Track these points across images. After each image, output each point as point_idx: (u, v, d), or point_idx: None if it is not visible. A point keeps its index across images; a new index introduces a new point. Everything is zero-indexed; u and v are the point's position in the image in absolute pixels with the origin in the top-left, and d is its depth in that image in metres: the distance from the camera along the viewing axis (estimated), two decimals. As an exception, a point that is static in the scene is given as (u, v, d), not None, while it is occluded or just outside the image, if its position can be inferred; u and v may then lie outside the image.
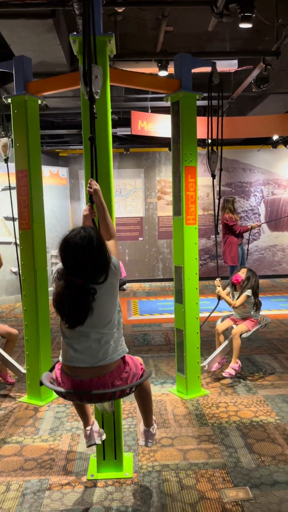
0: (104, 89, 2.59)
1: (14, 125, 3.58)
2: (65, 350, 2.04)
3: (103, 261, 1.92)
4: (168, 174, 9.92)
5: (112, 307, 2.03)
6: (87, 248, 1.88)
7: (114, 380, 2.02)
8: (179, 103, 3.53)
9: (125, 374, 2.06)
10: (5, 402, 3.75)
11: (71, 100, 6.40)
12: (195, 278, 3.72)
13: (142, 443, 2.42)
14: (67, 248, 1.89)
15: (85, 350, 1.99)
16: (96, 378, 1.99)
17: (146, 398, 2.33)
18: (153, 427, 2.43)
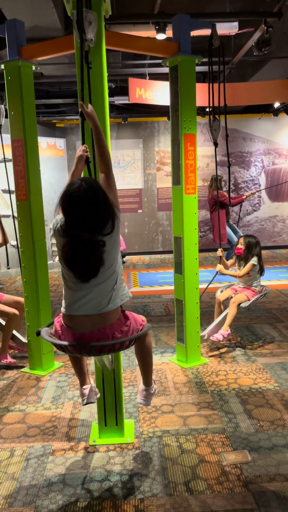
0: (99, 53, 2.50)
1: (8, 92, 3.48)
2: (68, 300, 2.01)
3: (109, 212, 1.88)
4: (167, 144, 9.76)
5: (116, 254, 2.00)
6: (92, 201, 1.82)
7: (114, 333, 2.01)
8: (178, 68, 3.43)
9: (125, 328, 2.06)
10: (7, 372, 3.80)
11: (67, 67, 6.22)
12: (194, 248, 3.70)
13: (141, 402, 2.43)
14: (71, 202, 1.82)
15: (91, 298, 1.97)
16: (97, 330, 1.98)
17: (147, 356, 2.33)
18: (153, 386, 2.45)
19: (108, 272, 1.98)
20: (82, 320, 1.99)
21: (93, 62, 2.45)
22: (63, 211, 1.86)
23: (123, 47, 3.23)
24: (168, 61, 3.50)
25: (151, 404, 3.10)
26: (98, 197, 1.83)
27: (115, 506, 2.14)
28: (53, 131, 9.18)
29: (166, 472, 2.37)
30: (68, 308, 2.02)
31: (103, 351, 2.01)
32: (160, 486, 2.27)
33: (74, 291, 1.99)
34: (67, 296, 2.03)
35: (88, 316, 1.99)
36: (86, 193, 1.81)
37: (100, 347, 1.97)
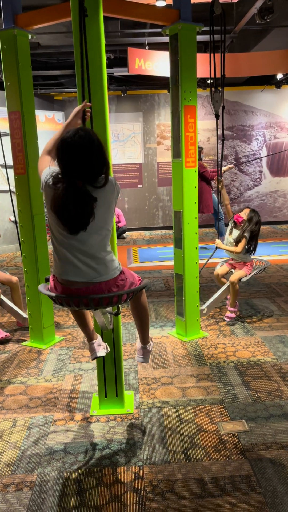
0: (96, 20, 2.42)
1: (3, 62, 3.40)
2: (58, 265, 2.02)
3: (103, 162, 1.89)
4: (168, 117, 9.59)
5: (107, 224, 1.99)
6: (87, 148, 1.83)
7: (110, 288, 2.02)
8: (178, 36, 3.33)
9: (121, 282, 2.06)
10: (9, 345, 3.84)
11: (64, 37, 6.05)
12: (194, 222, 3.68)
13: (139, 360, 2.47)
14: (66, 148, 1.84)
15: (80, 265, 1.96)
16: (92, 285, 1.99)
17: (143, 314, 2.34)
18: (149, 344, 2.48)
19: (98, 235, 1.96)
20: (74, 282, 2.00)
21: (89, 30, 2.39)
22: (58, 158, 1.87)
23: (121, 14, 3.13)
24: (168, 29, 3.40)
25: (151, 375, 3.16)
26: (93, 146, 1.85)
27: (115, 472, 2.20)
28: (51, 104, 9.01)
29: (165, 441, 2.43)
30: (58, 272, 2.02)
31: (101, 303, 2.00)
32: (159, 454, 2.32)
33: (64, 253, 1.97)
34: (56, 259, 2.02)
35: (79, 282, 1.99)
36: (82, 141, 1.84)
37: (97, 299, 1.97)
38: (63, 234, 1.93)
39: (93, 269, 1.98)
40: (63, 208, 1.85)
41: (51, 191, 1.89)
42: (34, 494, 2.08)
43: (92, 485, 2.12)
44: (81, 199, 1.84)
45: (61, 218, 1.88)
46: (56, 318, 4.41)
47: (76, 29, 2.37)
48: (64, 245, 1.97)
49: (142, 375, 3.20)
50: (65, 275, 2.00)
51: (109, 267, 2.02)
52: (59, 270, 2.02)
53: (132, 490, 2.07)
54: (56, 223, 1.92)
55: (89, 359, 3.49)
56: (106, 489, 2.09)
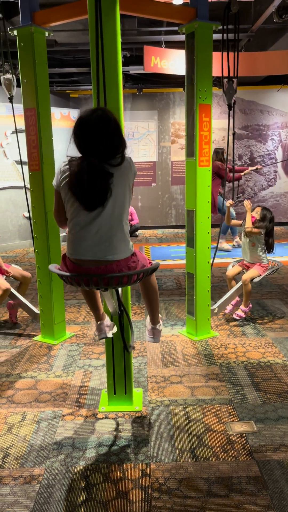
0: (113, 17, 2.42)
1: (20, 59, 3.42)
2: (71, 244, 2.02)
3: (119, 140, 1.92)
4: (183, 116, 9.56)
5: (124, 204, 1.99)
6: (104, 125, 1.87)
7: (121, 269, 2.01)
8: (195, 35, 3.31)
9: (132, 264, 2.05)
10: (20, 340, 3.88)
11: (81, 34, 6.07)
12: (207, 222, 3.67)
13: (150, 340, 2.48)
14: (83, 126, 1.88)
15: (94, 244, 1.96)
16: (103, 266, 1.99)
17: (153, 294, 2.35)
18: (159, 324, 2.48)
19: (114, 214, 1.96)
20: (86, 261, 2.01)
21: (106, 28, 2.40)
22: (75, 136, 1.90)
23: (138, 12, 3.13)
24: (185, 28, 3.39)
25: (160, 374, 3.16)
26: (109, 124, 1.88)
27: (122, 469, 2.21)
28: (67, 102, 9.05)
29: (173, 440, 2.43)
30: (71, 251, 2.02)
31: (111, 283, 2.00)
32: (166, 452, 2.32)
33: (78, 230, 1.97)
34: (70, 238, 2.02)
35: (91, 261, 2.00)
36: (98, 118, 1.88)
37: (108, 279, 1.97)
38: (79, 213, 1.94)
39: (106, 248, 1.97)
40: (78, 183, 1.87)
41: (66, 175, 1.91)
42: (42, 487, 2.10)
43: (99, 481, 2.13)
44: (96, 173, 1.85)
45: (78, 195, 1.89)
46: (67, 315, 4.44)
47: (93, 27, 2.38)
48: (79, 224, 1.96)
49: (151, 373, 3.20)
50: (77, 254, 2.00)
51: (122, 247, 2.01)
52: (71, 249, 2.03)
53: (138, 487, 2.08)
54: (73, 201, 1.93)
55: (94, 338, 3.51)
56: (113, 485, 2.10)
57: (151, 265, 2.17)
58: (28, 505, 1.99)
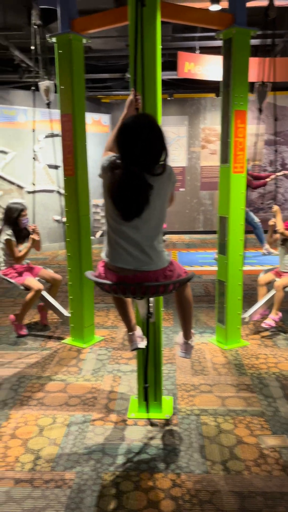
0: (154, 24, 2.43)
1: (58, 66, 3.48)
2: (109, 251, 2.02)
3: (162, 148, 1.88)
4: (214, 121, 9.51)
5: (162, 214, 1.98)
6: (147, 133, 1.84)
7: (157, 277, 2.00)
8: (232, 40, 3.29)
9: (169, 273, 2.04)
10: (50, 342, 3.92)
11: (115, 41, 6.13)
12: (240, 229, 3.62)
13: (182, 355, 2.45)
14: (126, 132, 1.85)
15: (131, 252, 1.95)
16: (139, 273, 1.98)
17: (187, 307, 2.32)
18: (192, 339, 2.45)
19: (151, 224, 1.94)
20: (123, 269, 2.00)
21: (146, 35, 2.40)
22: (117, 142, 1.87)
23: (177, 19, 3.13)
24: (222, 34, 3.37)
25: (190, 382, 3.13)
26: (152, 131, 1.85)
27: (153, 478, 2.19)
28: (98, 107, 9.15)
29: (204, 450, 2.39)
30: (109, 257, 2.02)
31: (147, 293, 1.99)
32: (197, 463, 2.29)
33: (117, 238, 1.96)
34: (109, 244, 2.02)
35: (128, 269, 1.99)
36: (142, 126, 1.85)
37: (145, 288, 1.96)
38: (117, 220, 1.93)
39: (143, 257, 1.96)
40: (119, 193, 1.86)
41: (109, 176, 1.89)
42: (73, 492, 2.10)
43: (130, 489, 2.12)
44: (138, 185, 1.84)
45: (116, 203, 1.88)
46: (96, 318, 4.46)
47: (133, 34, 2.39)
48: (117, 232, 1.96)
49: (181, 381, 3.17)
50: (115, 261, 2.00)
51: (159, 257, 2.00)
52: (109, 255, 2.02)
53: (169, 498, 2.05)
54: (111, 208, 1.92)
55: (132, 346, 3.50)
56: (144, 494, 2.08)
57: (186, 275, 2.15)
58: (59, 510, 2.00)
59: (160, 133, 1.88)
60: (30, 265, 4.29)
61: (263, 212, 9.92)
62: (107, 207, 1.97)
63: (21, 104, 7.75)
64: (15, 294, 5.44)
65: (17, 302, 5.11)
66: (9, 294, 5.47)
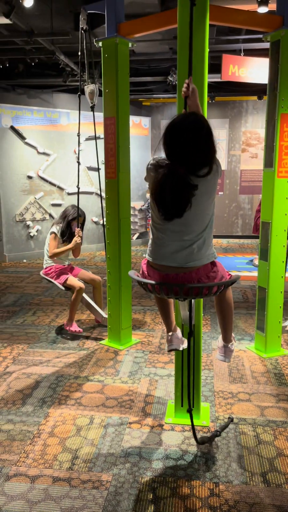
0: (203, 27, 2.41)
1: (104, 70, 3.52)
2: (154, 249, 2.01)
3: (210, 151, 1.83)
4: (255, 124, 9.37)
5: (208, 209, 1.94)
6: (196, 134, 1.79)
7: (200, 277, 1.97)
8: (280, 43, 3.22)
9: (212, 274, 2.00)
10: (87, 343, 3.96)
11: (158, 44, 6.14)
12: (283, 235, 3.54)
13: (220, 358, 2.40)
14: (173, 131, 1.81)
15: (175, 249, 1.93)
16: (182, 273, 1.95)
17: (227, 311, 2.28)
18: (232, 343, 2.40)
19: (196, 222, 1.91)
20: (167, 267, 1.98)
21: (195, 37, 2.39)
22: (164, 140, 1.83)
23: (224, 21, 3.10)
24: (270, 36, 3.30)
25: (227, 389, 3.08)
26: (201, 132, 1.80)
27: (190, 486, 2.16)
28: (139, 110, 9.20)
29: (242, 460, 2.34)
30: (152, 256, 2.01)
31: (190, 294, 1.96)
32: (235, 473, 2.25)
33: (160, 237, 1.95)
34: (152, 243, 2.01)
35: (171, 267, 1.97)
36: (190, 125, 1.80)
37: (187, 289, 1.93)
38: (160, 219, 1.92)
39: (187, 255, 1.94)
40: (160, 193, 1.83)
41: (155, 175, 1.87)
42: (110, 494, 2.10)
43: (167, 495, 2.10)
44: (180, 186, 1.79)
45: (157, 203, 1.86)
46: (133, 321, 4.47)
47: (182, 37, 2.38)
48: (161, 230, 1.95)
49: (219, 388, 3.13)
50: (159, 259, 1.99)
51: (202, 252, 1.96)
52: (153, 254, 2.02)
53: (207, 507, 2.02)
54: (154, 207, 1.91)
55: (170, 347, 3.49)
56: (181, 501, 2.06)
57: (230, 277, 2.11)
58: (96, 511, 2.00)
59: (209, 132, 1.82)
60: (71, 266, 4.35)
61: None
62: (151, 205, 1.96)
63: (64, 107, 7.90)
64: (54, 293, 5.54)
65: (56, 302, 5.20)
66: (48, 293, 5.58)
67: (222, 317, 2.31)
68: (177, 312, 2.61)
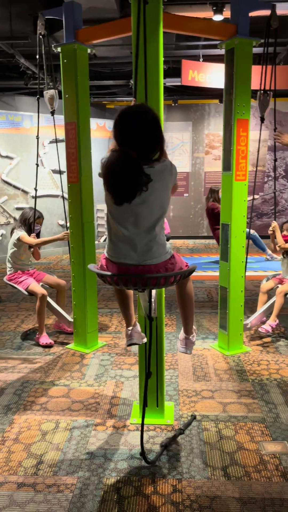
0: (156, 35, 2.48)
1: (63, 75, 3.53)
2: (111, 247, 2.04)
3: (158, 135, 1.91)
4: (218, 127, 9.56)
5: (163, 204, 1.98)
6: (143, 117, 1.88)
7: (159, 270, 2.02)
8: (235, 50, 3.34)
9: (170, 266, 2.05)
10: (53, 348, 3.96)
11: (119, 49, 6.20)
12: (242, 236, 3.65)
13: (182, 350, 2.45)
14: (123, 118, 1.89)
15: (132, 247, 1.97)
16: (141, 266, 1.99)
17: (188, 303, 2.33)
18: (193, 335, 2.45)
19: (153, 213, 1.95)
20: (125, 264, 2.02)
21: (149, 44, 2.45)
22: (115, 127, 1.91)
23: (179, 30, 3.18)
24: (225, 44, 3.41)
25: (192, 387, 3.15)
26: (148, 115, 1.89)
27: (154, 483, 2.21)
28: (102, 112, 9.23)
29: (204, 456, 2.42)
30: (110, 253, 2.04)
31: (148, 284, 2.00)
32: (198, 469, 2.32)
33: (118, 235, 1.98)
34: (109, 241, 2.04)
35: (129, 264, 2.01)
36: (137, 109, 1.91)
37: (146, 280, 1.97)
38: (116, 213, 1.95)
39: (145, 253, 1.98)
40: (112, 174, 1.87)
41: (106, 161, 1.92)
42: (75, 497, 2.13)
43: (131, 494, 2.15)
44: (131, 167, 1.84)
45: (109, 185, 1.89)
46: (99, 324, 4.49)
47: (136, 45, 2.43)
48: (118, 226, 1.97)
49: (183, 386, 3.20)
50: (117, 257, 2.02)
51: (160, 251, 2.01)
52: (111, 251, 2.05)
53: (170, 503, 2.08)
54: (107, 194, 1.94)
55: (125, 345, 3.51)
56: (145, 499, 2.11)
57: (188, 268, 2.18)
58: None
59: (155, 117, 1.91)
60: (35, 271, 4.34)
61: (266, 218, 9.95)
62: (106, 200, 1.99)
63: (27, 110, 7.84)
64: (19, 299, 5.49)
65: (21, 307, 5.16)
66: (13, 298, 5.52)
67: (183, 309, 2.36)
68: (138, 307, 2.65)
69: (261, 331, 3.94)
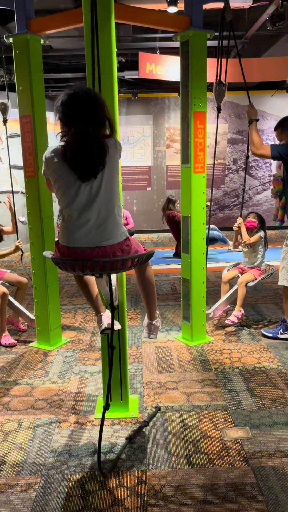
0: (108, 26, 2.45)
1: (16, 67, 3.44)
2: (67, 232, 2.01)
3: (103, 110, 1.95)
4: (178, 121, 9.61)
5: (114, 183, 2.01)
6: (88, 94, 1.93)
7: (115, 251, 2.00)
8: (189, 43, 3.35)
9: (126, 247, 2.04)
10: (15, 347, 3.88)
11: (76, 40, 6.11)
12: (202, 228, 3.69)
13: (146, 335, 2.46)
14: (69, 96, 1.92)
15: (88, 229, 1.96)
16: (97, 248, 1.98)
17: (149, 288, 2.33)
18: (157, 320, 2.46)
19: (107, 198, 1.96)
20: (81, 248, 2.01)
21: (101, 36, 2.41)
22: (63, 106, 1.93)
23: (132, 21, 3.16)
24: (179, 36, 3.42)
25: (156, 380, 3.17)
26: (90, 90, 1.98)
27: (119, 476, 2.21)
28: (62, 106, 9.07)
29: (169, 446, 2.44)
30: (67, 240, 2.01)
31: (105, 268, 1.98)
32: (162, 459, 2.33)
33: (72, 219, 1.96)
34: (63, 227, 2.01)
35: (85, 247, 1.99)
36: (80, 88, 1.96)
37: (103, 263, 1.95)
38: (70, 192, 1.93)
39: (101, 233, 1.97)
40: (78, 148, 1.86)
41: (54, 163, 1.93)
42: (38, 495, 2.10)
43: (96, 488, 2.14)
44: (94, 138, 1.87)
45: (75, 162, 1.88)
46: (63, 320, 4.44)
47: (88, 35, 2.40)
48: (72, 212, 1.95)
49: (147, 379, 3.21)
50: (72, 242, 1.99)
51: (116, 231, 2.01)
52: (66, 238, 2.01)
53: (135, 495, 2.09)
54: (64, 181, 1.93)
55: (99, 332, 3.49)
56: (109, 492, 2.11)
57: (146, 252, 2.15)
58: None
59: (96, 98, 1.94)
60: (-6, 269, 4.23)
61: (228, 210, 10.12)
62: (59, 192, 1.97)
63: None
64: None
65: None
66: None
67: (145, 294, 2.37)
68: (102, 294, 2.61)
69: (227, 322, 4.02)
